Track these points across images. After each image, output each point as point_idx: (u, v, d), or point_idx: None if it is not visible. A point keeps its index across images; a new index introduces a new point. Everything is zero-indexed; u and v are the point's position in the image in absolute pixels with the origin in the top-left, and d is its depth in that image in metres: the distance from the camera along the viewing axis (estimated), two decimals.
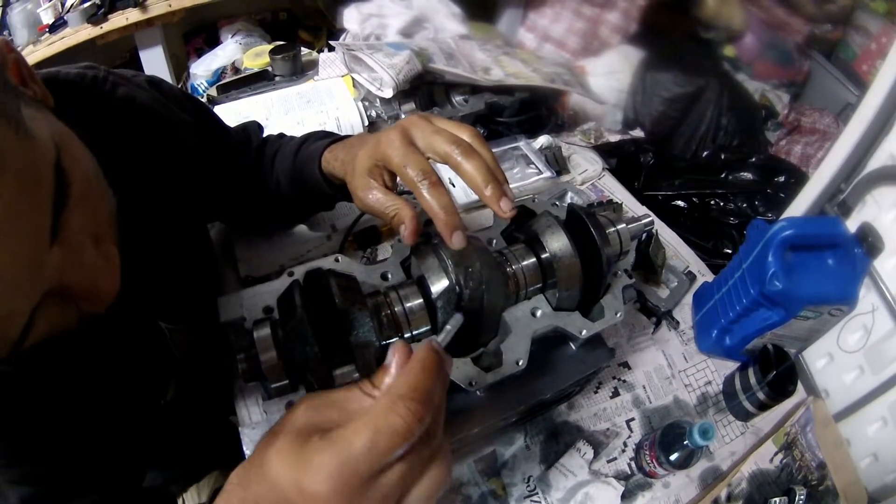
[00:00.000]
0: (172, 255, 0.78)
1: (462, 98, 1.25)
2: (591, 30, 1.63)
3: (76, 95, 0.58)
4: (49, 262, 0.44)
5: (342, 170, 0.77)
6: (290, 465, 0.40)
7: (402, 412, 0.40)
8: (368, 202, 0.69)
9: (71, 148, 0.49)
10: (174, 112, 0.80)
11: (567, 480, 0.84)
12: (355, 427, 0.40)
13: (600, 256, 0.66)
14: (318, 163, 0.82)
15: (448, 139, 0.63)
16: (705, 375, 0.98)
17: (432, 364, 0.44)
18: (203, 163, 0.85)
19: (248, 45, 1.80)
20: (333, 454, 0.39)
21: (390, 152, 0.65)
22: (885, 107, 0.92)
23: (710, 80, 1.57)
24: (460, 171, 0.62)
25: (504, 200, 0.61)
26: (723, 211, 1.35)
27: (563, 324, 0.68)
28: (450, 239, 0.60)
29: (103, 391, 0.68)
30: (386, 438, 0.39)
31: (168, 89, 0.83)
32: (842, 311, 0.87)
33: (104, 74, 0.71)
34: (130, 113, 0.71)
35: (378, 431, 0.39)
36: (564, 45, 1.62)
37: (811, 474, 0.87)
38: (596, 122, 1.46)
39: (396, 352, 0.47)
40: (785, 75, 1.83)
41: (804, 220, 0.99)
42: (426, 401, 0.42)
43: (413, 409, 0.40)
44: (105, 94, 0.70)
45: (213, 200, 0.95)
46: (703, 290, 1.04)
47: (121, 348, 0.69)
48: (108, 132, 0.60)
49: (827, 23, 1.83)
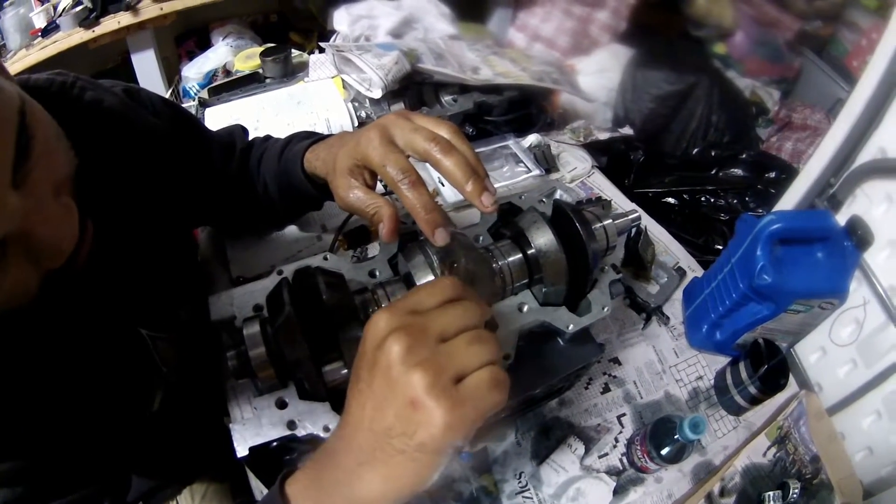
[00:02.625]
0: (150, 260, 0.78)
1: (451, 98, 1.26)
2: (581, 29, 1.63)
3: (45, 100, 0.58)
4: (10, 203, 0.46)
5: (324, 169, 0.78)
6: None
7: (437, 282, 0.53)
8: (349, 201, 0.70)
9: (33, 106, 0.52)
10: (145, 117, 0.80)
11: (559, 476, 0.84)
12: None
13: (586, 251, 0.66)
14: (301, 163, 0.83)
15: (427, 136, 0.63)
16: (696, 370, 0.98)
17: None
18: (181, 168, 0.85)
19: (239, 48, 1.80)
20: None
21: (370, 152, 0.65)
22: (874, 100, 0.92)
23: (700, 77, 1.57)
24: (441, 168, 0.62)
25: (486, 195, 0.61)
26: (713, 207, 1.35)
27: (550, 319, 0.68)
28: (432, 236, 0.61)
29: (85, 398, 0.67)
30: (424, 289, 0.51)
31: (145, 96, 0.84)
32: (832, 304, 0.87)
33: (72, 80, 0.71)
34: (98, 117, 0.71)
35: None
36: (554, 45, 1.62)
37: (805, 468, 0.87)
38: (585, 120, 1.46)
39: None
40: (776, 72, 1.83)
41: (793, 213, 0.99)
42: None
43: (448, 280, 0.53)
44: (73, 98, 0.70)
45: (197, 205, 0.94)
46: (692, 285, 1.04)
47: (101, 356, 0.69)
48: (76, 136, 0.60)
49: (817, 19, 1.83)
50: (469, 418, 0.44)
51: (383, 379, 0.46)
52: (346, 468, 0.48)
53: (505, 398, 0.47)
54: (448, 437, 0.44)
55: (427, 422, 0.44)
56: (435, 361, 0.45)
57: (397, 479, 0.46)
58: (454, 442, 0.45)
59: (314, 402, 0.60)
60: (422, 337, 0.46)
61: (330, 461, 0.51)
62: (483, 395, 0.45)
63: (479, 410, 0.45)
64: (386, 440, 0.46)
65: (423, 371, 0.44)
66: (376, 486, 0.47)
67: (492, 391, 0.46)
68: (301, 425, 0.59)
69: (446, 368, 0.45)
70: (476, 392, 0.45)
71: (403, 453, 0.45)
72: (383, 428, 0.46)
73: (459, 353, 0.47)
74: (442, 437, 0.44)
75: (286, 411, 0.59)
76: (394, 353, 0.45)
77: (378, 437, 0.46)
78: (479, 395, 0.45)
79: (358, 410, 0.48)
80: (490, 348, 0.48)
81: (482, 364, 0.47)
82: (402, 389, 0.45)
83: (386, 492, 0.47)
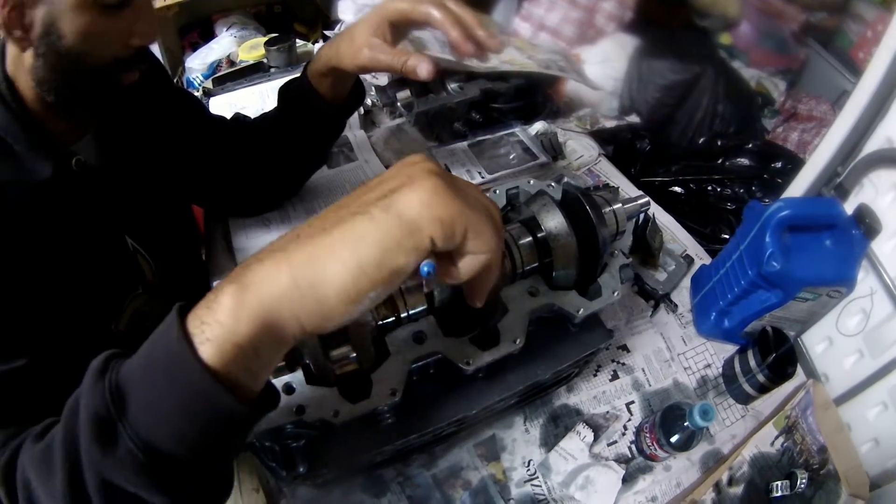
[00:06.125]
0: (148, 173, 0.89)
1: (457, 85, 1.25)
2: (587, 18, 1.62)
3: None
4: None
5: (330, 61, 0.88)
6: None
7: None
8: (379, 57, 0.81)
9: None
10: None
11: (567, 464, 0.84)
12: None
13: (596, 235, 0.66)
14: (305, 75, 0.94)
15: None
16: (704, 358, 0.98)
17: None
18: (188, 127, 1.00)
19: (244, 38, 1.78)
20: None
21: (400, 4, 0.80)
22: (881, 89, 0.92)
23: (706, 67, 1.55)
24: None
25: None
26: (720, 196, 1.35)
27: (561, 303, 0.68)
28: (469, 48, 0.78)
29: (59, 290, 0.72)
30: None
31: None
32: (840, 292, 0.87)
33: None
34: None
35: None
36: (560, 34, 1.61)
37: (812, 458, 0.87)
38: (591, 108, 1.46)
39: None
40: (781, 63, 1.82)
41: (801, 200, 0.99)
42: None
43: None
44: None
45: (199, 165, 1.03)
46: (700, 272, 1.03)
47: (87, 254, 0.76)
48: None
49: (823, 11, 1.82)
50: (454, 218, 0.40)
51: (390, 173, 0.43)
52: (294, 245, 0.40)
53: (498, 247, 0.44)
54: (426, 213, 0.39)
55: (413, 190, 0.40)
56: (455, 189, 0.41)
57: (353, 241, 0.39)
58: (429, 226, 0.39)
59: (322, 388, 0.59)
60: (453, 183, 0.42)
61: (268, 251, 0.41)
62: (482, 220, 0.42)
63: (466, 221, 0.41)
64: (359, 205, 0.41)
65: (438, 177, 0.41)
66: (330, 251, 0.39)
67: (490, 227, 0.43)
68: (309, 410, 0.58)
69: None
70: (474, 213, 0.41)
71: (370, 215, 0.39)
72: (363, 199, 0.41)
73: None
74: (420, 208, 0.39)
75: (293, 396, 0.59)
76: (419, 166, 0.42)
77: (351, 205, 0.41)
78: (475, 214, 0.41)
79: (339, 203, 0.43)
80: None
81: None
82: (407, 171, 0.42)
83: (346, 261, 0.39)
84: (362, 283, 0.39)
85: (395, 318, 0.64)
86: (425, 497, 0.81)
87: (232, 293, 0.39)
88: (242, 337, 0.38)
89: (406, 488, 0.81)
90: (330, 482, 0.78)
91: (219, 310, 0.39)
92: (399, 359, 0.62)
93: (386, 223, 0.39)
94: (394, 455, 0.76)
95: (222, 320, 0.38)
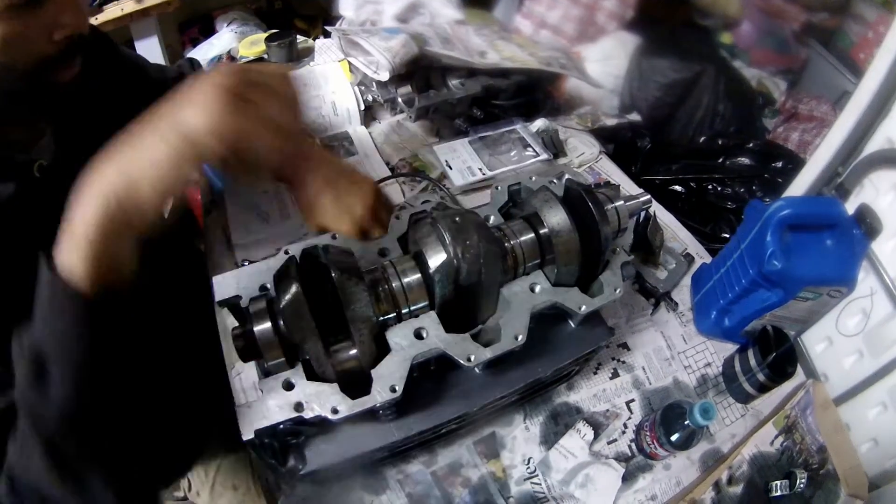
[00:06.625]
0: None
1: (458, 81, 1.24)
2: (588, 16, 1.62)
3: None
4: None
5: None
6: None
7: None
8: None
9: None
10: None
11: (567, 462, 0.83)
12: None
13: (599, 232, 0.66)
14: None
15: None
16: (705, 357, 0.97)
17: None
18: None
19: (244, 34, 1.78)
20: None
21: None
22: (882, 90, 0.92)
23: (706, 66, 1.55)
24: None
25: None
26: (720, 195, 1.35)
27: (562, 300, 0.67)
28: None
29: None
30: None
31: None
32: (841, 292, 0.87)
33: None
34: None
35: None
36: (561, 32, 1.61)
37: (812, 458, 0.87)
38: (592, 106, 1.46)
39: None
40: (782, 63, 1.82)
41: (802, 200, 0.99)
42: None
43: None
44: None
45: None
46: (701, 271, 1.03)
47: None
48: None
49: (824, 11, 1.82)
50: (232, 128, 0.50)
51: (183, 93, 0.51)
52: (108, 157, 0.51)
53: (276, 144, 0.54)
54: (202, 128, 0.49)
55: (195, 105, 0.49)
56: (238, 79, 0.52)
57: (139, 152, 0.50)
58: (205, 139, 0.49)
59: (322, 384, 0.59)
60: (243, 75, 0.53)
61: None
62: (260, 124, 0.52)
63: (240, 131, 0.50)
64: (157, 120, 0.50)
65: (222, 91, 0.50)
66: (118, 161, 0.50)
67: (270, 128, 0.53)
68: (308, 407, 0.58)
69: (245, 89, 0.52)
70: (255, 119, 0.52)
71: (160, 132, 0.50)
72: (160, 113, 0.51)
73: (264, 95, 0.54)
74: (197, 123, 0.49)
75: (293, 393, 0.58)
76: (209, 80, 0.51)
77: (153, 120, 0.51)
78: (255, 121, 0.52)
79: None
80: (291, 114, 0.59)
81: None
82: (198, 85, 0.50)
83: (125, 166, 0.50)
84: (166, 183, 0.50)
85: (395, 314, 0.63)
86: (425, 494, 0.80)
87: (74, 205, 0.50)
88: (90, 228, 0.49)
89: (405, 486, 0.81)
90: (329, 479, 0.78)
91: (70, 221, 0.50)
92: (399, 355, 0.61)
93: (171, 138, 0.49)
94: (393, 452, 0.75)
95: (73, 225, 0.49)
